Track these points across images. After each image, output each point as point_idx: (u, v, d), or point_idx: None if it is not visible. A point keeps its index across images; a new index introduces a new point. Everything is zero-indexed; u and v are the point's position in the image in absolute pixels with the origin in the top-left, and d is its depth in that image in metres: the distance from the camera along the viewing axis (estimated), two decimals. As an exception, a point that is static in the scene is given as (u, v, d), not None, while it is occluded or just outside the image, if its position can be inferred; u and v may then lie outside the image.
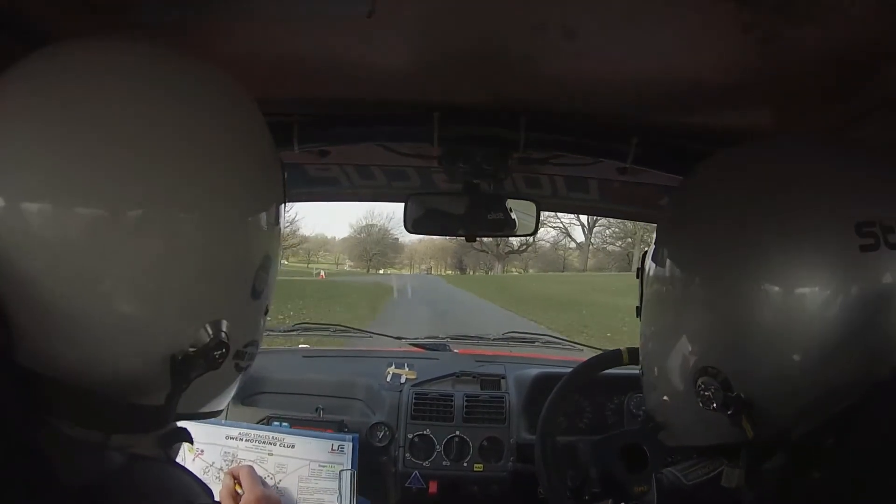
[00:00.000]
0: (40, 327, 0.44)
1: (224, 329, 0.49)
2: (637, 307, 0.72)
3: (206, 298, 0.49)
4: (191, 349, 0.48)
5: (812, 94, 0.75)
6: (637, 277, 0.72)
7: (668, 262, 0.64)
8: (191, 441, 0.56)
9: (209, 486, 0.54)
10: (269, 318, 0.60)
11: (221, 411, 0.59)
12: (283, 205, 0.57)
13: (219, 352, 0.49)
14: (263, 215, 0.53)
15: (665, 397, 0.65)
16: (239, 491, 0.90)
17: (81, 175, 0.43)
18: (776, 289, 0.54)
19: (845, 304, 0.52)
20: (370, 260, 38.91)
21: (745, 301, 0.55)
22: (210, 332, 0.49)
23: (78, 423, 0.45)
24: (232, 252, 0.50)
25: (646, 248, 0.72)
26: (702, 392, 0.57)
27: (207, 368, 0.49)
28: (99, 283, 0.44)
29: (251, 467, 0.93)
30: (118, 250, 0.44)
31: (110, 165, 0.44)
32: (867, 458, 0.49)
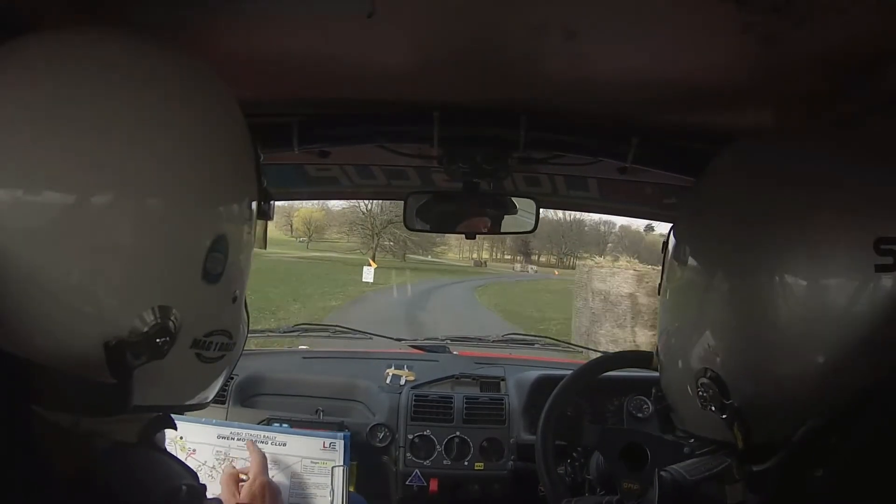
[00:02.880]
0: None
1: (171, 317, 0.47)
2: (659, 284, 0.72)
3: (144, 282, 0.46)
4: (130, 335, 0.45)
5: (812, 94, 0.75)
6: (661, 252, 0.72)
7: (684, 256, 0.64)
8: (174, 427, 0.55)
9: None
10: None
11: (204, 405, 0.57)
12: (253, 183, 0.54)
13: (161, 339, 0.46)
14: (214, 193, 0.50)
15: (670, 383, 0.67)
16: (243, 477, 0.91)
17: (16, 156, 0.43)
18: (784, 298, 0.53)
19: (853, 318, 0.51)
20: (376, 236, 24.85)
21: (752, 308, 0.54)
22: (152, 318, 0.46)
23: (46, 404, 0.44)
24: (171, 232, 0.47)
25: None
26: (701, 392, 0.58)
27: (151, 357, 0.46)
28: (25, 265, 0.43)
29: (263, 456, 0.94)
30: (48, 232, 0.43)
31: (49, 148, 0.44)
32: (869, 457, 0.49)
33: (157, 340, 0.46)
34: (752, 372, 0.56)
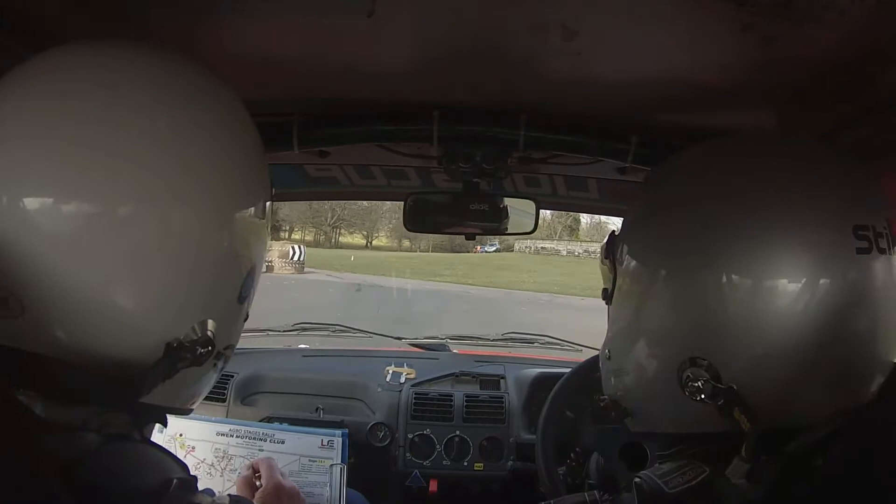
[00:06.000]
0: (45, 310, 0.47)
1: (211, 329, 0.53)
2: (604, 289, 0.70)
3: (201, 297, 0.53)
4: (184, 341, 0.52)
5: (811, 95, 0.75)
6: (606, 258, 0.69)
7: (649, 249, 0.63)
8: (164, 423, 0.58)
9: (199, 480, 0.55)
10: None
11: (192, 410, 0.61)
12: (267, 216, 0.59)
13: (204, 349, 0.53)
14: (255, 222, 0.56)
15: (639, 384, 0.64)
16: (258, 483, 0.91)
17: (81, 172, 0.47)
18: (771, 282, 0.54)
19: (837, 300, 0.54)
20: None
21: (736, 293, 0.55)
22: (199, 330, 0.52)
23: (52, 397, 0.47)
24: (227, 254, 0.54)
25: (614, 229, 0.71)
26: (689, 383, 0.57)
27: (192, 363, 0.52)
28: (100, 275, 0.48)
29: (271, 459, 0.94)
30: (117, 246, 0.47)
31: (107, 164, 0.47)
32: (861, 465, 0.48)
33: (200, 350, 0.52)
34: (745, 356, 0.56)
